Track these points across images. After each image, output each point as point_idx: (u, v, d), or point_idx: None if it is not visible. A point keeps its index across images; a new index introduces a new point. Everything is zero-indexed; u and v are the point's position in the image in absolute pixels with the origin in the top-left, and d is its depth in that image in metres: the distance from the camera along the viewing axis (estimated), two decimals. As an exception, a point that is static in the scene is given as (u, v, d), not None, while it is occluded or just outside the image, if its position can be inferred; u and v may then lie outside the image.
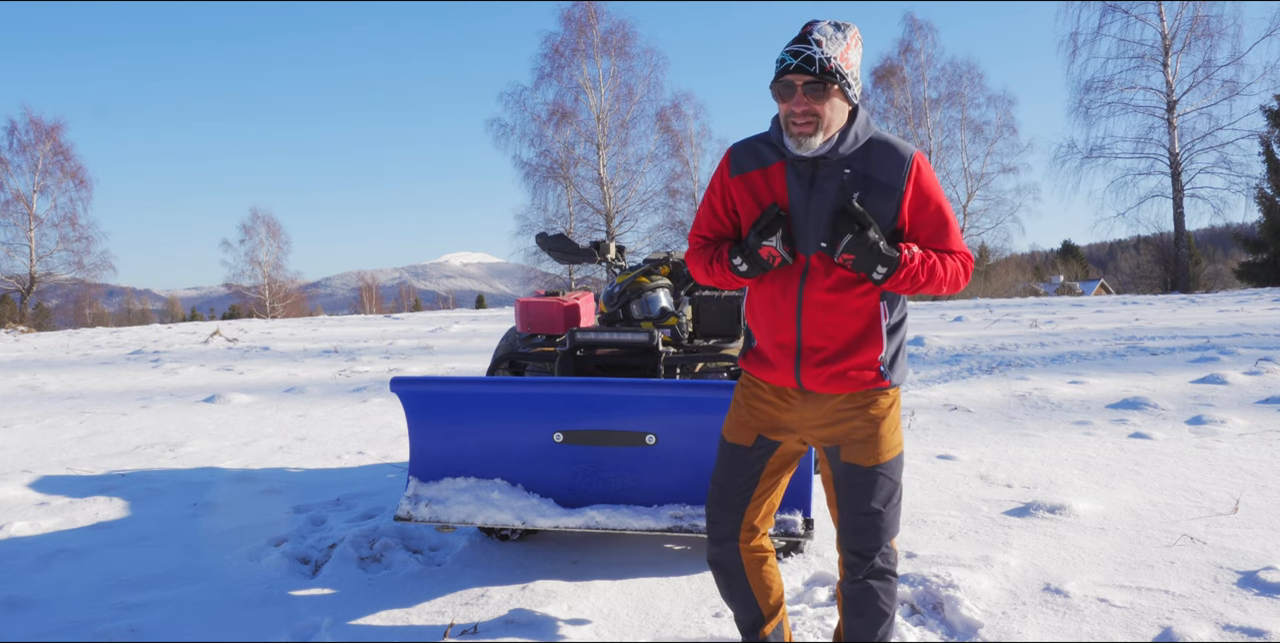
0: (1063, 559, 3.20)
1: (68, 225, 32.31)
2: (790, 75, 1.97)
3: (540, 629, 2.76)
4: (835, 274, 2.07)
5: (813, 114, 1.97)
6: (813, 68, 1.95)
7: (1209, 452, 4.67)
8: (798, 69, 1.95)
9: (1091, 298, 21.66)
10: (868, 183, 2.04)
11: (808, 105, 1.97)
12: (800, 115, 1.97)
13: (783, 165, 2.10)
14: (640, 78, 30.76)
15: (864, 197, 2.03)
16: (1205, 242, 47.68)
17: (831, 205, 2.04)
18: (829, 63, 1.95)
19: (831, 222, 2.03)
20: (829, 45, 1.97)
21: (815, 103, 1.97)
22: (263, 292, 41.09)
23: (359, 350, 11.75)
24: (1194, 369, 7.33)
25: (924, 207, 2.07)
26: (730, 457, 2.26)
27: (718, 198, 2.20)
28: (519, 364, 3.71)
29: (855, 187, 2.03)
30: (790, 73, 1.96)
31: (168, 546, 3.64)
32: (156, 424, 6.57)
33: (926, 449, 4.93)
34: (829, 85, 1.97)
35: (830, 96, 1.98)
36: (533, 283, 33.96)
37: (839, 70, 1.97)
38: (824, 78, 1.95)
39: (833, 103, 1.99)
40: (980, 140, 30.95)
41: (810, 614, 2.81)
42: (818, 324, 2.08)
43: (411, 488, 3.04)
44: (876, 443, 2.12)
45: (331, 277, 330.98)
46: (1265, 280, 26.31)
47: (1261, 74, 25.61)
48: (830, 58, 1.96)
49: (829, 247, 2.04)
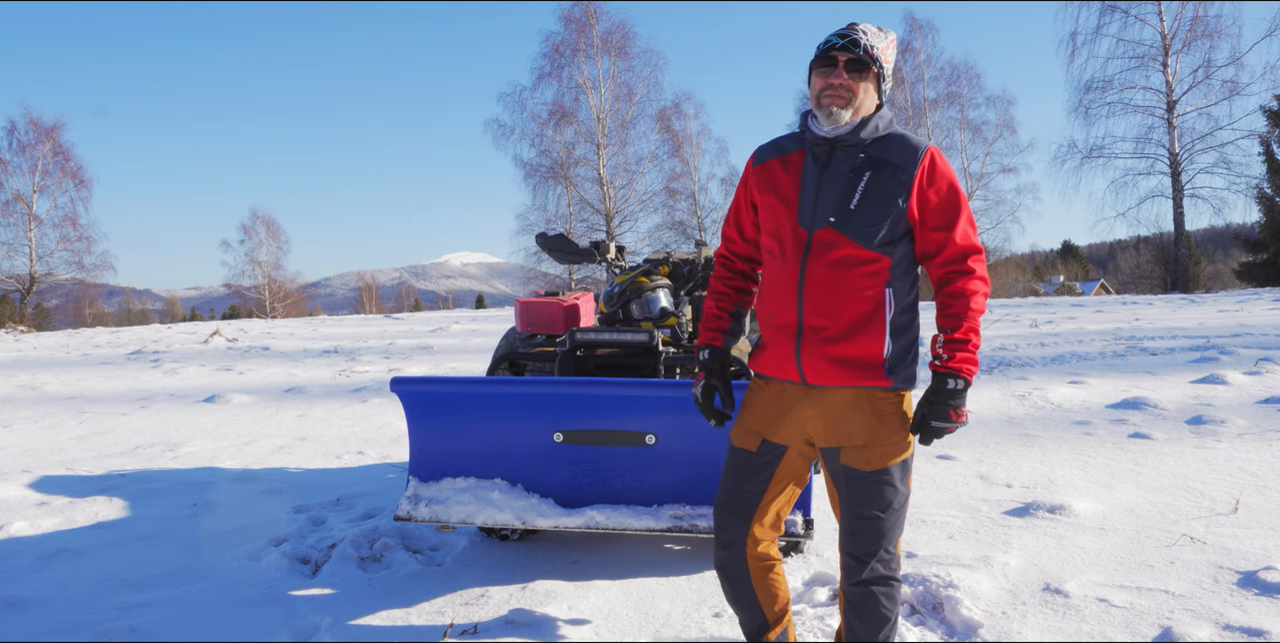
0: (1063, 559, 3.20)
1: (68, 225, 32.35)
2: (835, 52, 2.09)
3: (540, 629, 2.76)
4: (839, 251, 2.07)
5: (848, 89, 2.08)
6: (858, 50, 2.08)
7: (1209, 452, 4.67)
8: (843, 48, 2.08)
9: (1091, 298, 21.66)
10: (879, 164, 2.09)
11: (846, 80, 2.08)
12: (837, 87, 2.08)
13: (803, 152, 2.19)
14: (640, 78, 30.79)
15: (874, 177, 2.08)
16: (1205, 242, 47.70)
17: (841, 183, 2.09)
18: (872, 49, 2.09)
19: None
20: (873, 37, 2.11)
21: (853, 80, 2.08)
22: (263, 292, 41.09)
23: (359, 350, 11.75)
24: (1194, 369, 7.33)
25: (936, 192, 2.09)
26: (737, 462, 2.26)
27: (742, 188, 2.33)
28: (519, 364, 3.71)
29: (868, 167, 2.09)
30: (836, 50, 2.09)
31: (168, 546, 3.64)
32: (156, 424, 6.57)
33: (926, 449, 4.93)
34: (869, 68, 2.09)
35: (867, 79, 2.10)
36: (533, 283, 33.96)
37: (879, 58, 2.11)
38: (866, 59, 2.08)
39: (866, 86, 2.11)
40: (980, 140, 30.96)
41: (810, 614, 2.81)
42: (819, 301, 2.09)
43: (411, 488, 3.04)
44: (877, 448, 2.10)
45: (331, 277, 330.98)
46: (1265, 280, 26.32)
47: (1261, 74, 25.63)
48: (874, 46, 2.10)
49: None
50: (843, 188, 2.08)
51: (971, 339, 2.07)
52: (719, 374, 2.32)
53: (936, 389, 2.06)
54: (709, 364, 2.33)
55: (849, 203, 2.07)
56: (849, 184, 2.08)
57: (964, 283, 2.08)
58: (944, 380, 2.05)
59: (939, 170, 2.10)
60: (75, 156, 32.92)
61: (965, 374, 2.05)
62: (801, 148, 2.19)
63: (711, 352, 2.34)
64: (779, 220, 2.16)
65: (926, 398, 2.08)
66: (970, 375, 2.06)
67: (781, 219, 2.15)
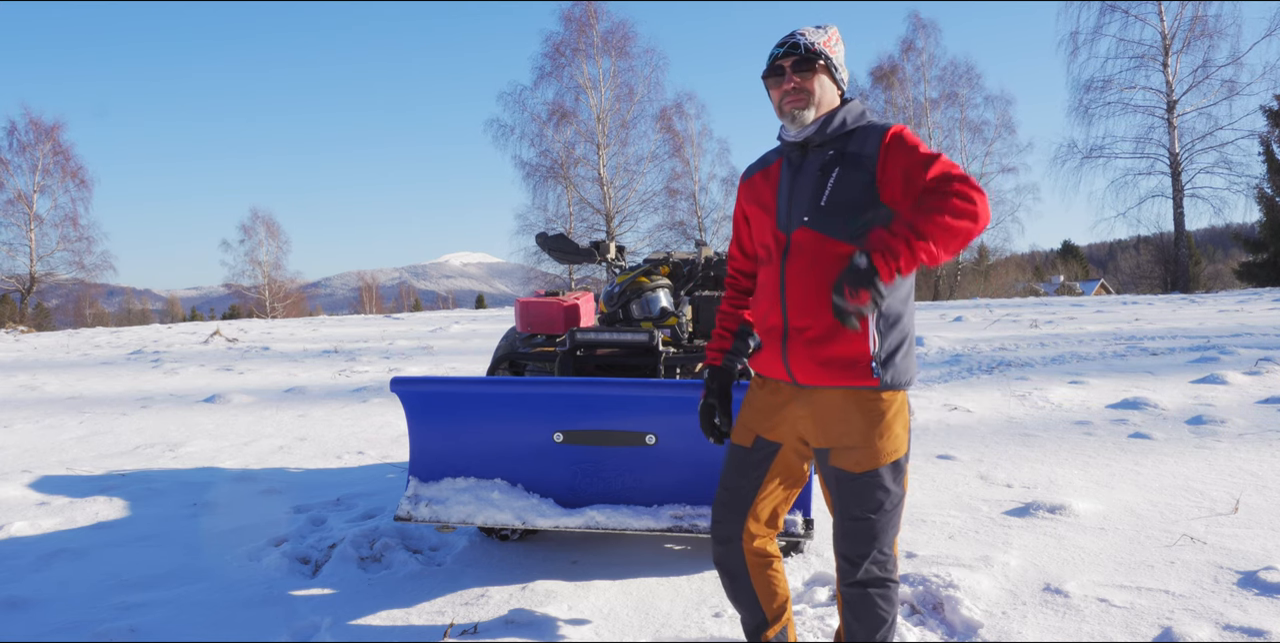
0: (1063, 559, 3.20)
1: (68, 225, 32.39)
2: (779, 61, 2.13)
3: (540, 629, 2.76)
4: (817, 248, 2.07)
5: (803, 90, 2.11)
6: (799, 50, 2.11)
7: (1209, 452, 4.67)
8: (785, 55, 2.13)
9: (1091, 298, 21.66)
10: (845, 159, 2.08)
11: (797, 82, 2.11)
12: (791, 92, 2.11)
13: (780, 161, 2.22)
14: (641, 78, 30.81)
15: (842, 172, 2.06)
16: (1205, 242, 47.71)
17: (812, 182, 2.08)
18: (813, 45, 2.12)
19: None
20: (811, 35, 2.15)
21: (803, 80, 2.11)
22: (263, 292, 41.11)
23: (359, 351, 11.75)
24: (1194, 369, 7.33)
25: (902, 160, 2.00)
26: (733, 458, 2.27)
27: (736, 206, 2.37)
28: (519, 364, 3.71)
29: (836, 164, 2.09)
30: (779, 60, 2.13)
31: (168, 546, 3.64)
32: (156, 424, 6.57)
33: (926, 449, 4.93)
34: (815, 63, 2.12)
35: (817, 73, 2.12)
36: (533, 283, 33.96)
37: (823, 52, 2.13)
38: (809, 56, 2.11)
39: (820, 80, 2.13)
40: (979, 140, 31.00)
41: (810, 614, 2.81)
42: (801, 301, 2.08)
43: (411, 488, 3.04)
44: (867, 449, 2.08)
45: (331, 277, 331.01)
46: (1265, 280, 26.33)
47: (1261, 74, 25.67)
48: (814, 43, 2.13)
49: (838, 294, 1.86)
50: (814, 187, 2.09)
51: (914, 229, 1.83)
52: (718, 393, 2.36)
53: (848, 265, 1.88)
54: (709, 383, 2.38)
55: (820, 200, 2.07)
56: (819, 182, 2.09)
57: (943, 196, 1.87)
58: (853, 256, 1.85)
59: (903, 143, 2.01)
60: (75, 156, 33.06)
61: (872, 249, 1.83)
62: (781, 157, 2.24)
63: (711, 371, 2.39)
64: (763, 228, 2.20)
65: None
66: (883, 256, 1.81)
67: (765, 226, 2.19)
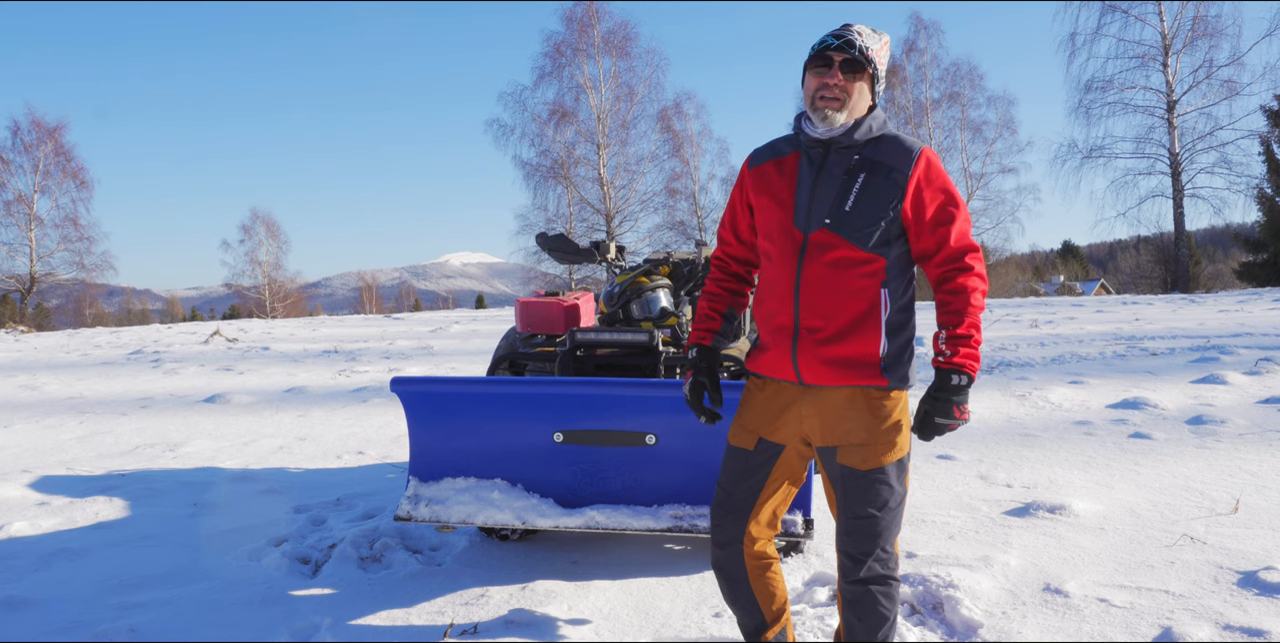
0: (1063, 559, 3.20)
1: (69, 225, 32.38)
2: (831, 52, 2.09)
3: (540, 629, 2.76)
4: (835, 252, 2.09)
5: (843, 90, 2.09)
6: (853, 50, 2.08)
7: (1209, 452, 4.67)
8: (839, 48, 2.09)
9: (1091, 298, 21.66)
10: (874, 166, 2.10)
11: (841, 81, 2.08)
12: (832, 87, 2.08)
13: (798, 154, 2.20)
14: (641, 78, 30.79)
15: (869, 179, 2.09)
16: (1205, 242, 47.68)
17: (837, 185, 2.10)
18: (867, 50, 2.10)
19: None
20: (868, 38, 2.12)
21: (848, 81, 2.09)
22: (263, 292, 41.11)
23: (359, 351, 11.75)
24: (1194, 369, 7.33)
25: (931, 193, 2.10)
26: (734, 461, 2.26)
27: (737, 191, 2.33)
28: (519, 364, 3.71)
29: (862, 169, 2.10)
30: (831, 50, 2.09)
31: (168, 546, 3.64)
32: (156, 424, 6.57)
33: (926, 449, 4.93)
34: (864, 69, 2.10)
35: (861, 80, 2.11)
36: (533, 283, 33.95)
37: (874, 60, 2.11)
38: (861, 60, 2.09)
39: (861, 87, 2.11)
40: (980, 140, 30.95)
41: (810, 614, 2.81)
42: (815, 302, 2.10)
43: (411, 488, 3.04)
44: (873, 447, 2.10)
45: (331, 277, 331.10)
46: (1265, 280, 26.31)
47: (1261, 74, 25.64)
48: (869, 47, 2.11)
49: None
50: (838, 190, 2.10)
51: (974, 335, 2.07)
52: (707, 372, 2.33)
53: (940, 386, 2.06)
54: (697, 362, 2.35)
55: (844, 205, 2.08)
56: (844, 186, 2.09)
57: (963, 280, 2.08)
58: (948, 376, 2.05)
59: (934, 172, 2.11)
60: (77, 157, 33.00)
61: (969, 370, 2.06)
62: (797, 150, 2.20)
63: (700, 350, 2.36)
64: (774, 223, 2.17)
65: (930, 395, 2.08)
66: (973, 371, 2.06)
67: (777, 221, 2.16)
